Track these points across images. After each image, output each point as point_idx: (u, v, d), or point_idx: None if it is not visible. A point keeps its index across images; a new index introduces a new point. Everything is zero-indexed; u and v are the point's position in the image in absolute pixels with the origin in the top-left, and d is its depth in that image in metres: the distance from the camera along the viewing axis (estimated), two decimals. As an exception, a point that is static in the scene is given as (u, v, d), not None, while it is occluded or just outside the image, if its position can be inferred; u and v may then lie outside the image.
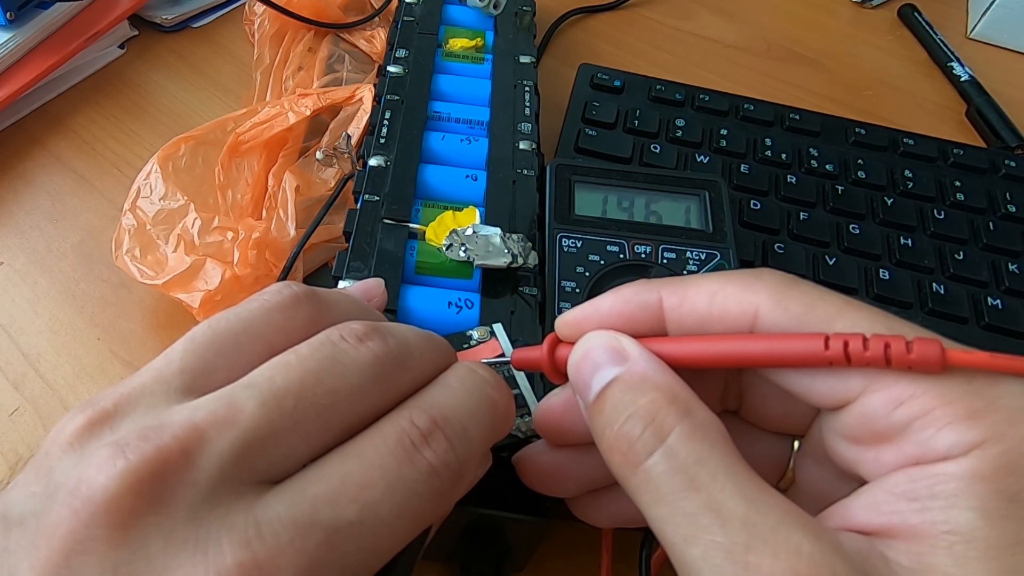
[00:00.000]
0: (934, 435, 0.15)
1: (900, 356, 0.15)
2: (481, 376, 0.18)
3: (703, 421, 0.16)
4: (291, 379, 0.16)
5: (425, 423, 0.16)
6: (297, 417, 0.15)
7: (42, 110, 0.44)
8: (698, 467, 0.15)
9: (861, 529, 0.15)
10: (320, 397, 0.16)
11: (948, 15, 0.58)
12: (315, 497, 0.15)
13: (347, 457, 0.16)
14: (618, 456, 0.17)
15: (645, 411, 0.16)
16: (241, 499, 0.14)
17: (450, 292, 0.27)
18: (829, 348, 0.16)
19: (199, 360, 0.17)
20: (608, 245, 0.29)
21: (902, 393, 0.15)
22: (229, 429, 0.15)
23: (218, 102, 0.45)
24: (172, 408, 0.16)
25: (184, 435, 0.14)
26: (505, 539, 0.24)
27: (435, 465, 0.16)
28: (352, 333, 0.17)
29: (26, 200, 0.39)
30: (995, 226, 0.37)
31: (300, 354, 0.17)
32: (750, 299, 0.17)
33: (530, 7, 0.42)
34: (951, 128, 0.49)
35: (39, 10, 0.43)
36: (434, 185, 0.31)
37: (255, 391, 0.16)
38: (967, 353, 0.15)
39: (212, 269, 0.32)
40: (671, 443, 0.16)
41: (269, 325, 0.18)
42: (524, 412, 0.22)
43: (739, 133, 0.41)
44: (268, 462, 0.15)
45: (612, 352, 0.18)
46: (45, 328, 0.34)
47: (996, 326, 0.33)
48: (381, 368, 0.17)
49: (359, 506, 0.15)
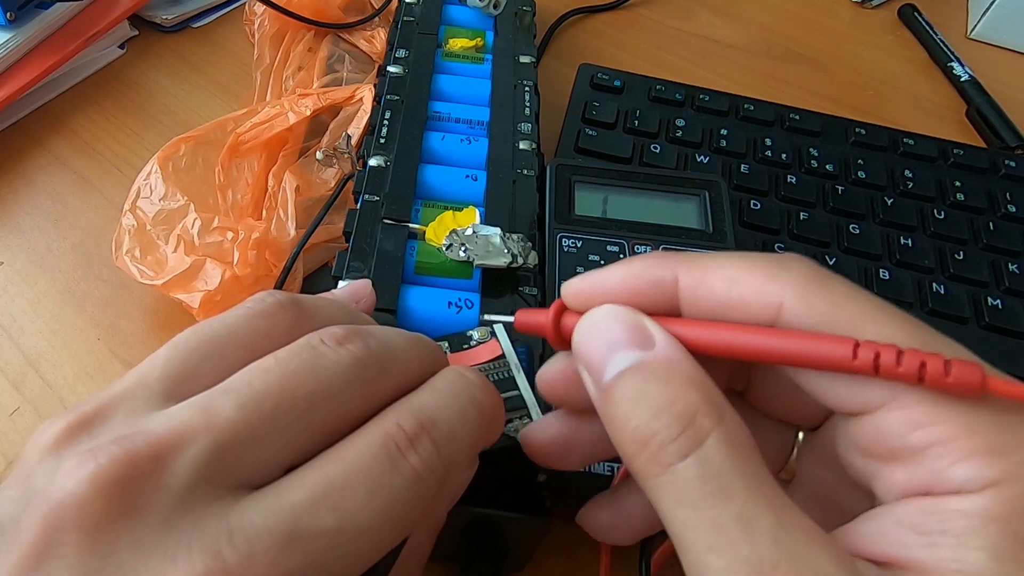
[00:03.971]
0: (950, 466, 0.14)
1: (936, 376, 0.14)
2: (470, 380, 0.18)
3: (738, 427, 0.15)
4: (270, 382, 0.16)
5: (412, 426, 0.16)
6: (276, 421, 0.15)
7: (42, 110, 0.44)
8: (732, 476, 0.14)
9: (869, 557, 0.15)
10: (299, 400, 0.16)
11: (948, 15, 0.58)
12: (293, 504, 0.14)
13: (329, 462, 0.15)
14: (645, 454, 0.15)
15: (681, 411, 0.15)
16: (215, 505, 0.14)
17: (450, 292, 0.27)
18: (857, 357, 0.15)
19: (182, 366, 0.17)
20: (608, 245, 0.29)
21: (923, 416, 0.14)
22: (205, 433, 0.15)
23: (218, 102, 0.45)
24: (151, 414, 0.16)
25: (158, 440, 0.14)
26: (505, 539, 0.24)
27: (420, 470, 0.16)
28: (332, 336, 0.17)
29: (26, 200, 0.39)
30: (995, 226, 0.37)
31: (279, 358, 0.16)
32: (774, 291, 0.16)
33: (530, 7, 0.42)
34: (951, 128, 0.49)
35: (39, 10, 0.43)
36: (434, 185, 0.31)
37: (232, 395, 0.15)
38: (1010, 384, 0.14)
39: (212, 269, 0.32)
40: (708, 447, 0.15)
41: (252, 331, 0.17)
42: (523, 414, 0.22)
43: (739, 133, 0.41)
44: (245, 467, 0.15)
45: (633, 332, 0.16)
46: (45, 328, 0.34)
47: (996, 326, 0.33)
48: (362, 370, 0.17)
49: (339, 513, 0.15)
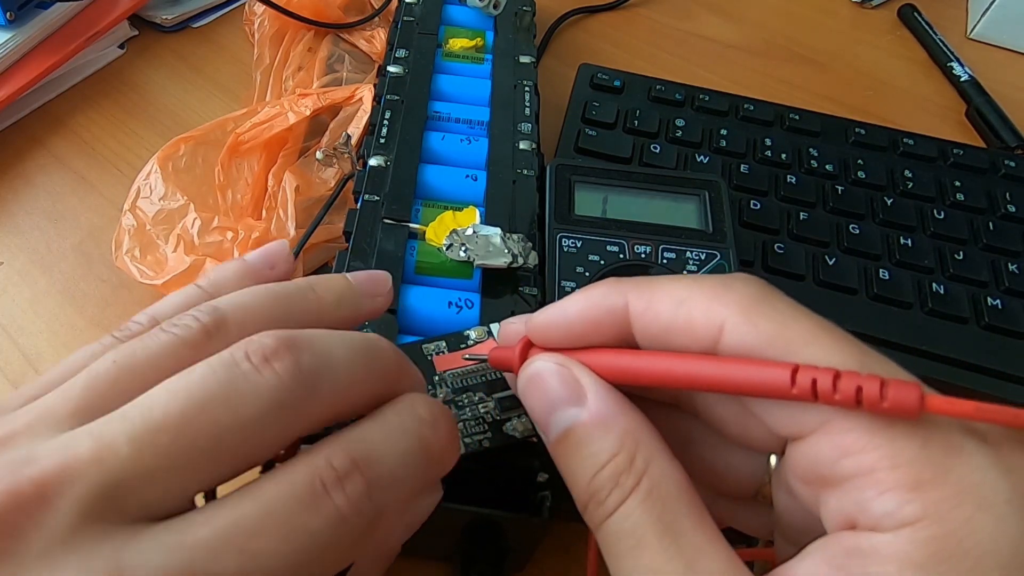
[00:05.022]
0: (873, 498, 0.14)
1: (872, 400, 0.14)
2: (420, 416, 0.17)
3: (662, 476, 0.16)
4: (170, 411, 0.14)
5: (342, 463, 0.15)
6: (173, 455, 0.14)
7: (42, 110, 0.44)
8: (646, 529, 0.15)
9: None
10: (202, 432, 0.14)
11: (948, 15, 0.58)
12: (195, 543, 0.14)
13: (243, 499, 0.15)
14: (587, 512, 0.17)
15: (609, 474, 0.16)
16: (108, 541, 0.13)
17: (450, 292, 0.27)
18: (796, 384, 0.14)
19: (98, 399, 0.15)
20: (608, 245, 0.29)
21: (851, 444, 0.14)
22: (93, 469, 0.14)
23: (218, 102, 0.45)
24: (46, 442, 0.14)
25: (41, 475, 0.14)
26: (505, 539, 0.24)
27: (344, 513, 0.15)
28: (259, 351, 0.15)
29: (26, 200, 0.39)
30: (995, 226, 0.37)
31: (189, 379, 0.15)
32: (717, 311, 0.16)
33: (530, 7, 0.42)
34: (951, 128, 0.49)
35: (39, 10, 0.43)
36: (434, 185, 0.31)
37: (128, 425, 0.14)
38: (950, 402, 0.14)
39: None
40: (629, 505, 0.16)
41: (176, 359, 0.16)
42: (520, 413, 0.22)
43: (739, 133, 0.41)
44: (141, 502, 0.14)
45: (566, 387, 0.17)
46: (45, 328, 0.34)
47: (996, 326, 0.33)
48: (286, 395, 0.15)
49: (245, 557, 0.14)
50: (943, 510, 0.13)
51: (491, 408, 0.22)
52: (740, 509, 0.20)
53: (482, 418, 0.22)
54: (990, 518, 0.13)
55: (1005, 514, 0.13)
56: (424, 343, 0.23)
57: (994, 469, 0.14)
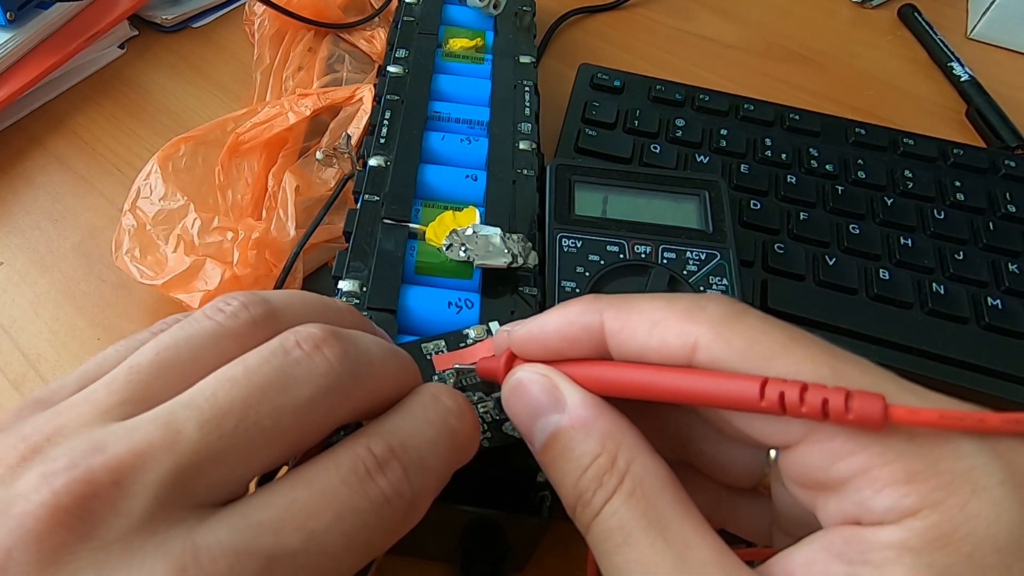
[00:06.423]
0: (872, 496, 0.14)
1: (838, 412, 0.14)
2: (445, 405, 0.18)
3: (647, 473, 0.16)
4: (234, 397, 0.15)
5: (381, 451, 0.16)
6: (239, 439, 0.15)
7: (42, 110, 0.44)
8: (633, 525, 0.16)
9: None
10: (264, 416, 0.15)
11: (948, 15, 0.58)
12: (259, 523, 0.14)
13: (297, 483, 0.15)
14: (575, 513, 0.17)
15: (593, 475, 0.17)
16: (180, 524, 0.14)
17: (450, 292, 0.27)
18: (764, 397, 0.15)
19: (143, 390, 0.16)
20: (608, 245, 0.29)
21: (841, 448, 0.15)
22: (166, 454, 0.14)
23: (218, 102, 0.45)
24: (109, 428, 0.15)
25: (116, 463, 0.14)
26: (505, 539, 0.24)
27: (388, 495, 0.16)
28: (309, 339, 0.16)
29: (26, 200, 0.39)
30: (995, 226, 0.37)
31: (247, 366, 0.16)
32: (690, 330, 0.16)
33: (530, 7, 0.42)
34: (951, 128, 0.49)
35: (39, 10, 0.43)
36: (434, 185, 0.31)
37: (195, 411, 0.15)
38: (912, 411, 0.14)
39: (212, 269, 0.32)
40: (614, 503, 0.16)
41: (218, 344, 0.17)
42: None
43: (739, 133, 0.41)
44: (209, 486, 0.15)
45: (548, 395, 0.18)
46: (45, 328, 0.34)
47: (996, 326, 0.33)
48: (336, 380, 0.16)
49: (304, 535, 0.15)
50: (939, 498, 0.14)
51: (490, 408, 0.22)
52: (742, 505, 0.20)
53: (481, 418, 0.22)
54: (985, 502, 0.13)
55: (999, 497, 0.14)
56: (423, 342, 0.23)
57: (984, 453, 0.14)
